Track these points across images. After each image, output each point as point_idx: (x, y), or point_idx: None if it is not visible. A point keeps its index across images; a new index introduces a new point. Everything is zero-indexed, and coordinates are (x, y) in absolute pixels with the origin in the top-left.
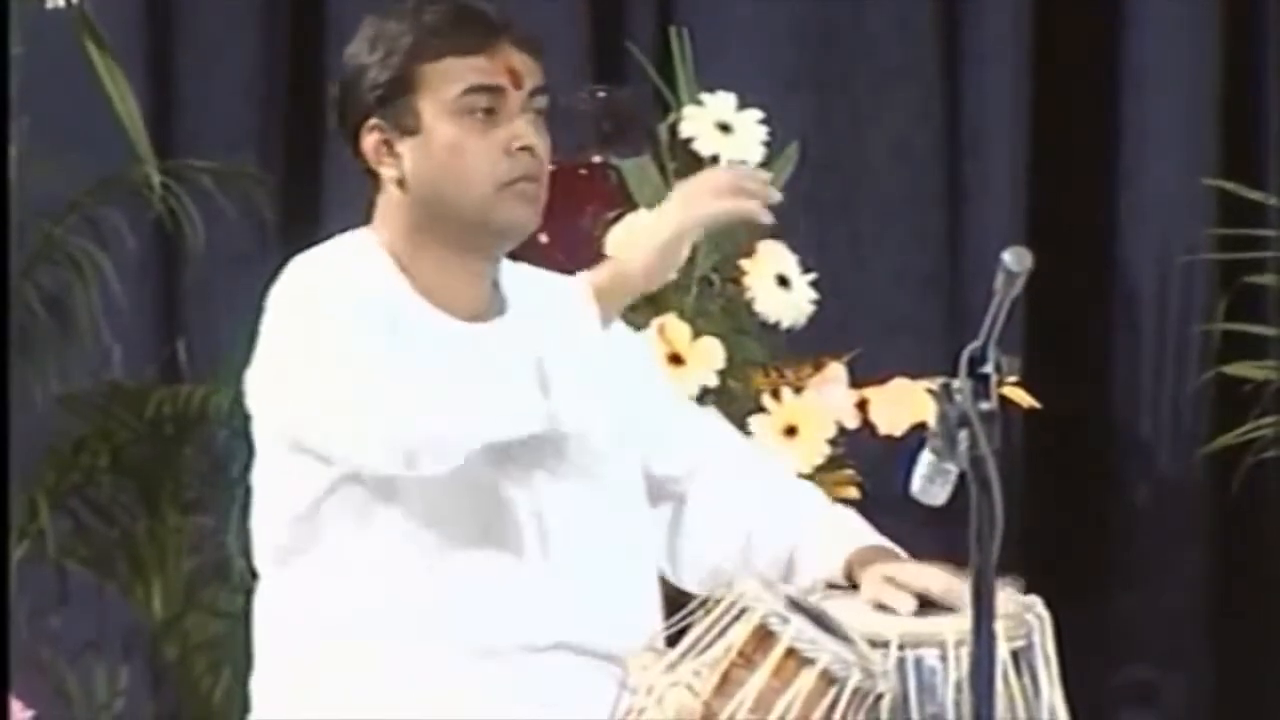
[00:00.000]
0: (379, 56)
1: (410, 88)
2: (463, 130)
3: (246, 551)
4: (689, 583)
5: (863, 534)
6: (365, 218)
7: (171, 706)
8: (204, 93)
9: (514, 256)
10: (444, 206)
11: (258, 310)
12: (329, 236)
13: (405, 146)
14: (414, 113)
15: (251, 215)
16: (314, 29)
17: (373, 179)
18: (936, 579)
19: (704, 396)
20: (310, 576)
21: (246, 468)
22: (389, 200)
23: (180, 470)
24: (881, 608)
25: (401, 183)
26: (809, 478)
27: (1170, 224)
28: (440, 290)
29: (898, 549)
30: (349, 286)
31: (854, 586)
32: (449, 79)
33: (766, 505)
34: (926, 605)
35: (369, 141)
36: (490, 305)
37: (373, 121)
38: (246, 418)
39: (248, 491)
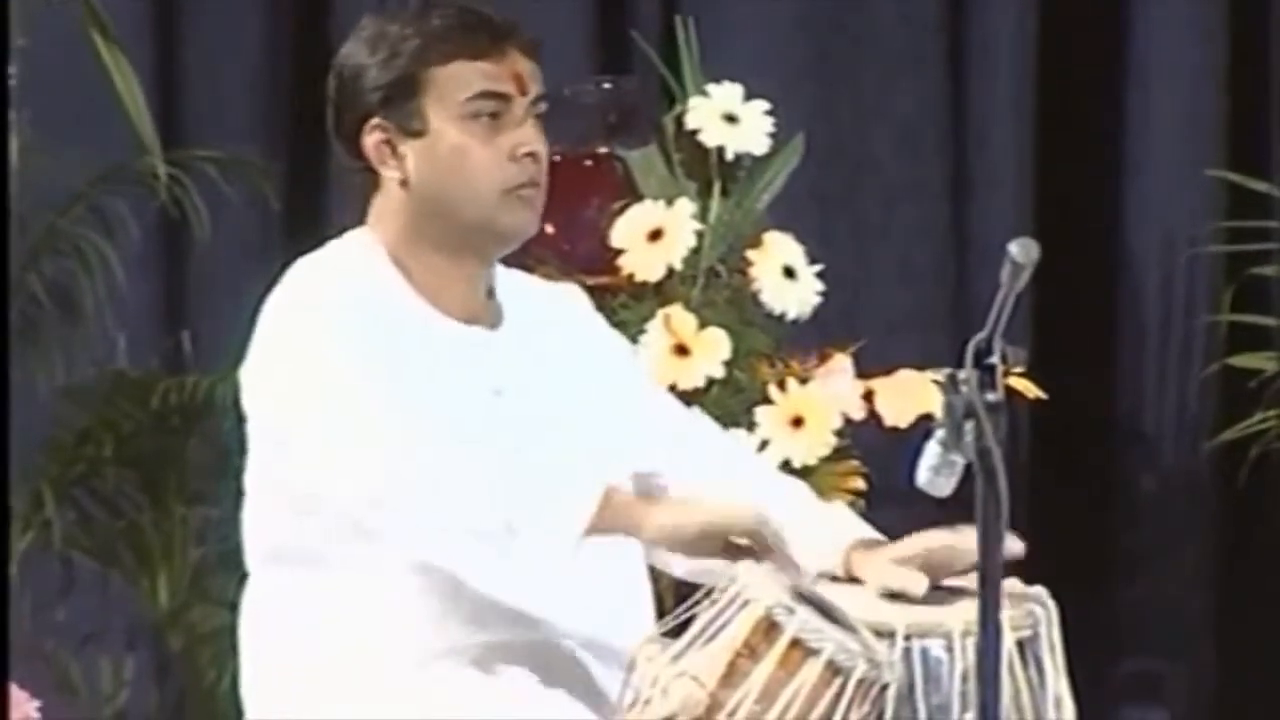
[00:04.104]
0: (382, 57)
1: (416, 90)
2: (469, 135)
3: None
4: (680, 571)
5: (856, 527)
6: (360, 217)
7: (176, 697)
8: (209, 82)
9: (520, 245)
10: (447, 208)
11: (262, 300)
12: (334, 226)
13: (409, 148)
14: (420, 115)
15: (257, 205)
16: (319, 19)
17: (370, 178)
18: (933, 538)
19: (710, 387)
20: (304, 576)
21: None
22: (388, 200)
23: (185, 461)
24: (893, 596)
25: (404, 183)
26: (815, 469)
27: (1176, 216)
28: (436, 290)
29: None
30: (349, 298)
31: (851, 580)
32: (457, 83)
33: (753, 498)
34: (934, 588)
35: (370, 141)
36: (486, 310)
37: (375, 121)
38: None
39: None
